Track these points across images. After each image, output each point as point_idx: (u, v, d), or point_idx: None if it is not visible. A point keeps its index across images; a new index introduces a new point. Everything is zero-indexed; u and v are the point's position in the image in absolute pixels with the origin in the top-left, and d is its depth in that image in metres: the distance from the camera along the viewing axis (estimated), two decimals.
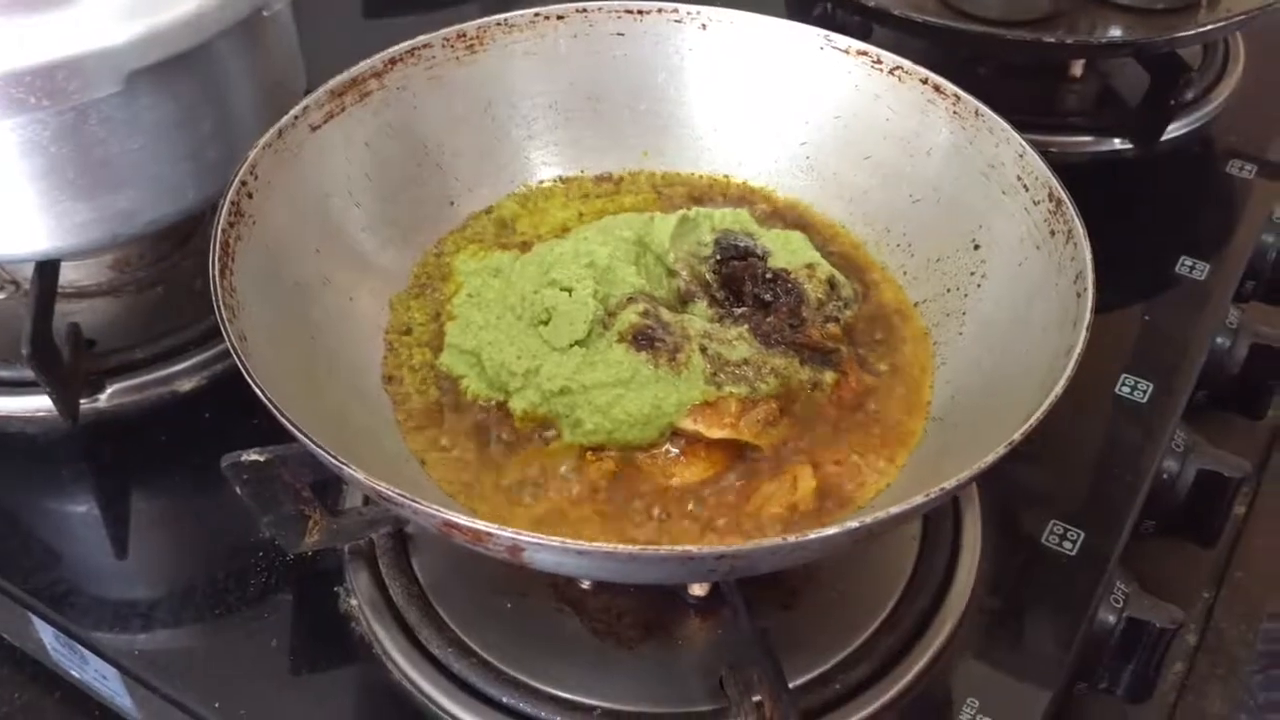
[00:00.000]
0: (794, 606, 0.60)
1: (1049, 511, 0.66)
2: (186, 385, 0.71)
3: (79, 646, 0.62)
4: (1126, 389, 0.73)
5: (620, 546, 0.44)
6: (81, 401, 0.69)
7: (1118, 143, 0.90)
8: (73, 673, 0.65)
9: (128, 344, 0.72)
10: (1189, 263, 0.81)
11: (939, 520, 0.63)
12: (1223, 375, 0.79)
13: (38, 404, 0.69)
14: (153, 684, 0.59)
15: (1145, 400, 0.72)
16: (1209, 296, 0.79)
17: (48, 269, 0.68)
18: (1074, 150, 0.89)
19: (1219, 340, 0.79)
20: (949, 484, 0.46)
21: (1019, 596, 0.62)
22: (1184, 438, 0.72)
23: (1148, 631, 0.63)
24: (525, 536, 0.44)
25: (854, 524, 0.44)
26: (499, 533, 0.44)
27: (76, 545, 0.66)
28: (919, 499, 0.46)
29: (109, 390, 0.70)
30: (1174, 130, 0.90)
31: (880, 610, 0.59)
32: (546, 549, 0.44)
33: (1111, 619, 0.63)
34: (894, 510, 0.45)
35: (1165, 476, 0.71)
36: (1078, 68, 0.94)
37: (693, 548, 0.44)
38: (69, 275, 0.74)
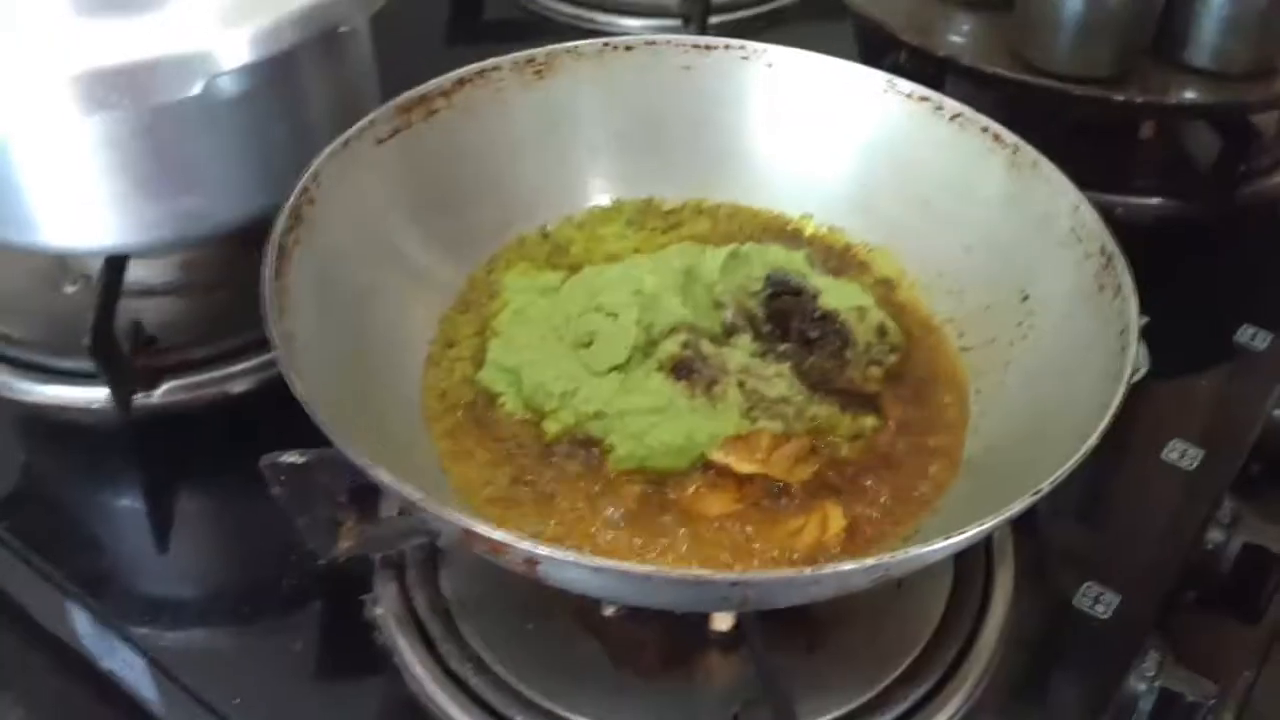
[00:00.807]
0: (818, 648, 0.60)
1: (1084, 572, 0.64)
2: (239, 387, 0.73)
3: (109, 634, 0.63)
4: (1175, 454, 0.71)
5: (634, 566, 0.44)
6: (136, 396, 0.71)
7: (1187, 206, 0.89)
8: (102, 661, 0.66)
9: (187, 343, 0.74)
10: (1250, 331, 0.80)
11: (970, 572, 0.63)
12: (1278, 449, 0.78)
13: (94, 395, 0.70)
14: (176, 676, 0.60)
15: (1193, 468, 0.71)
16: (1268, 367, 0.78)
17: (115, 264, 0.70)
18: (1142, 211, 0.88)
19: (1278, 412, 0.77)
20: (970, 530, 0.46)
21: (1047, 658, 0.61)
22: (1232, 509, 0.70)
23: (1179, 704, 0.61)
24: (541, 549, 0.44)
25: (870, 561, 0.44)
26: (515, 544, 0.45)
27: (117, 535, 0.67)
28: (939, 543, 0.45)
29: (164, 387, 0.72)
30: (1245, 196, 0.89)
31: (904, 659, 0.59)
32: (561, 563, 0.45)
33: (1142, 688, 0.61)
34: (911, 551, 0.45)
35: (1210, 547, 0.69)
36: (1149, 129, 0.94)
37: (706, 572, 0.44)
38: (137, 274, 0.76)
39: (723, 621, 0.59)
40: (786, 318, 0.64)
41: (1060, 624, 0.63)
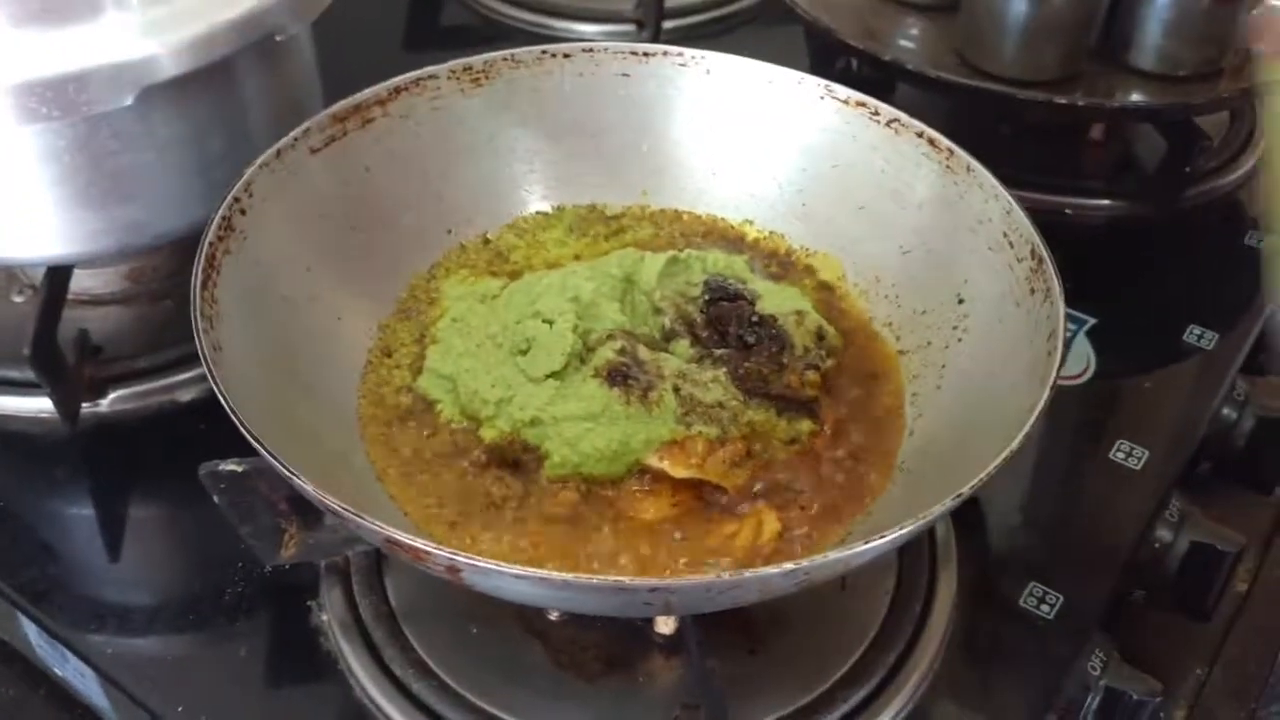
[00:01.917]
0: (759, 651, 0.60)
1: (1029, 573, 0.65)
2: (186, 396, 0.73)
3: (59, 644, 0.63)
4: (1121, 455, 0.72)
5: (554, 574, 0.44)
6: (83, 406, 0.71)
7: (1135, 207, 0.89)
8: (55, 669, 0.66)
9: (133, 352, 0.74)
10: (1197, 331, 0.80)
11: (914, 573, 0.63)
12: (1229, 448, 0.78)
13: (41, 405, 0.70)
14: (124, 685, 0.60)
15: (1139, 467, 0.71)
16: (1215, 366, 0.78)
17: (58, 275, 0.70)
18: (1090, 212, 0.88)
19: (1225, 412, 0.77)
20: (890, 535, 0.46)
21: (991, 659, 0.62)
22: (1179, 508, 0.71)
23: (1125, 702, 0.61)
24: (461, 558, 0.45)
25: (789, 566, 0.44)
26: (436, 552, 0.45)
27: (66, 545, 0.67)
28: (858, 546, 0.45)
29: (110, 396, 0.72)
30: (1193, 198, 0.90)
31: (845, 661, 0.59)
32: (481, 571, 0.45)
33: (1087, 686, 0.61)
34: (831, 556, 0.45)
35: (1157, 546, 0.70)
36: (1098, 131, 0.94)
37: (626, 579, 0.44)
38: (84, 283, 0.76)
39: (665, 625, 0.59)
40: (724, 322, 0.64)
41: (1005, 624, 0.63)
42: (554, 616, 0.60)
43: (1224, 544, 0.69)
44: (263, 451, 0.48)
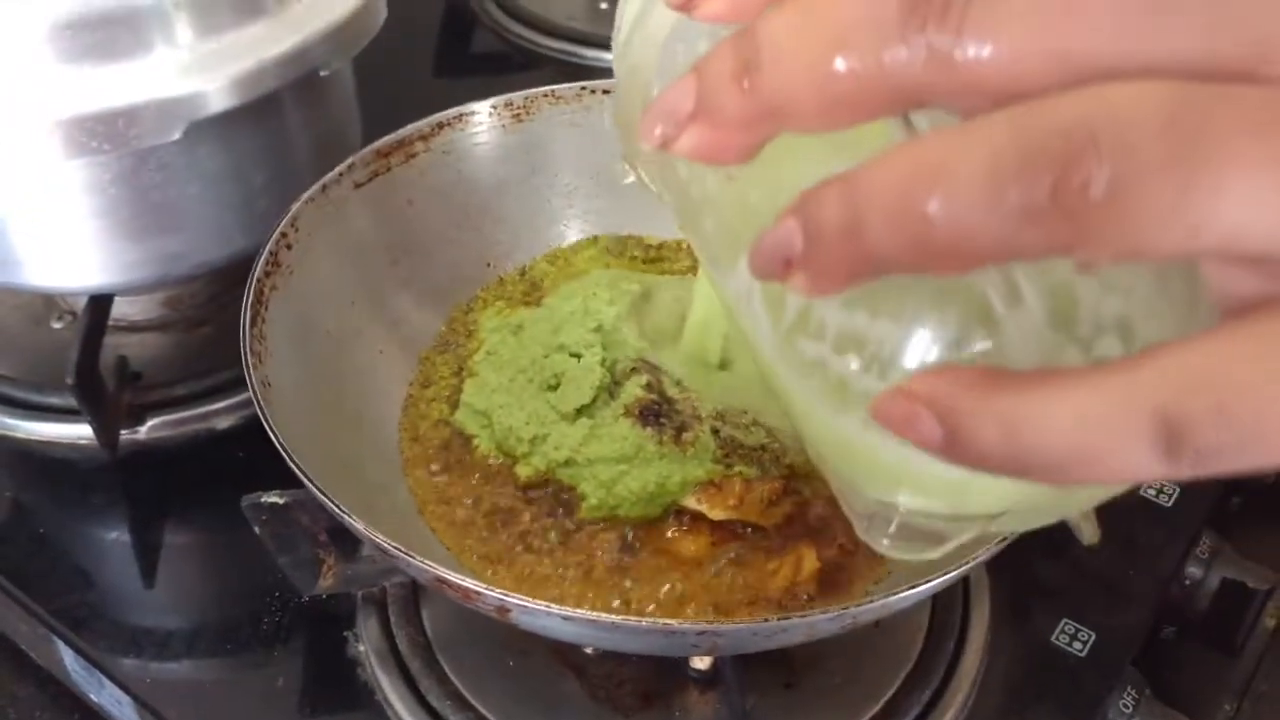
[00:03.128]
0: (795, 686, 0.60)
1: (1062, 609, 0.65)
2: (224, 423, 0.74)
3: (95, 670, 0.63)
4: (1153, 491, 0.72)
5: (603, 615, 0.44)
6: (122, 433, 0.71)
7: None
8: (91, 696, 0.67)
9: (171, 379, 0.75)
10: None
11: (947, 611, 0.63)
12: (1259, 483, 0.78)
13: (81, 432, 0.71)
14: (159, 710, 0.60)
15: (1171, 504, 0.71)
16: None
17: (100, 303, 0.70)
18: None
19: None
20: (937, 578, 0.46)
21: (1024, 695, 0.61)
22: (1210, 544, 0.71)
23: None
24: (512, 598, 0.45)
25: (836, 611, 0.45)
26: (487, 592, 0.45)
27: (103, 571, 0.68)
28: (905, 590, 0.46)
29: (149, 423, 0.73)
30: None
31: (881, 697, 0.59)
32: (531, 612, 0.45)
33: None
34: (878, 601, 0.45)
35: (1188, 583, 0.70)
36: None
37: (674, 622, 0.45)
38: (123, 309, 0.77)
39: (702, 660, 0.59)
40: None
41: (1037, 662, 0.63)
42: (591, 651, 0.61)
43: (1255, 581, 0.69)
44: (314, 490, 0.49)
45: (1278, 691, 0.74)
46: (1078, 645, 0.63)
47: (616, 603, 0.55)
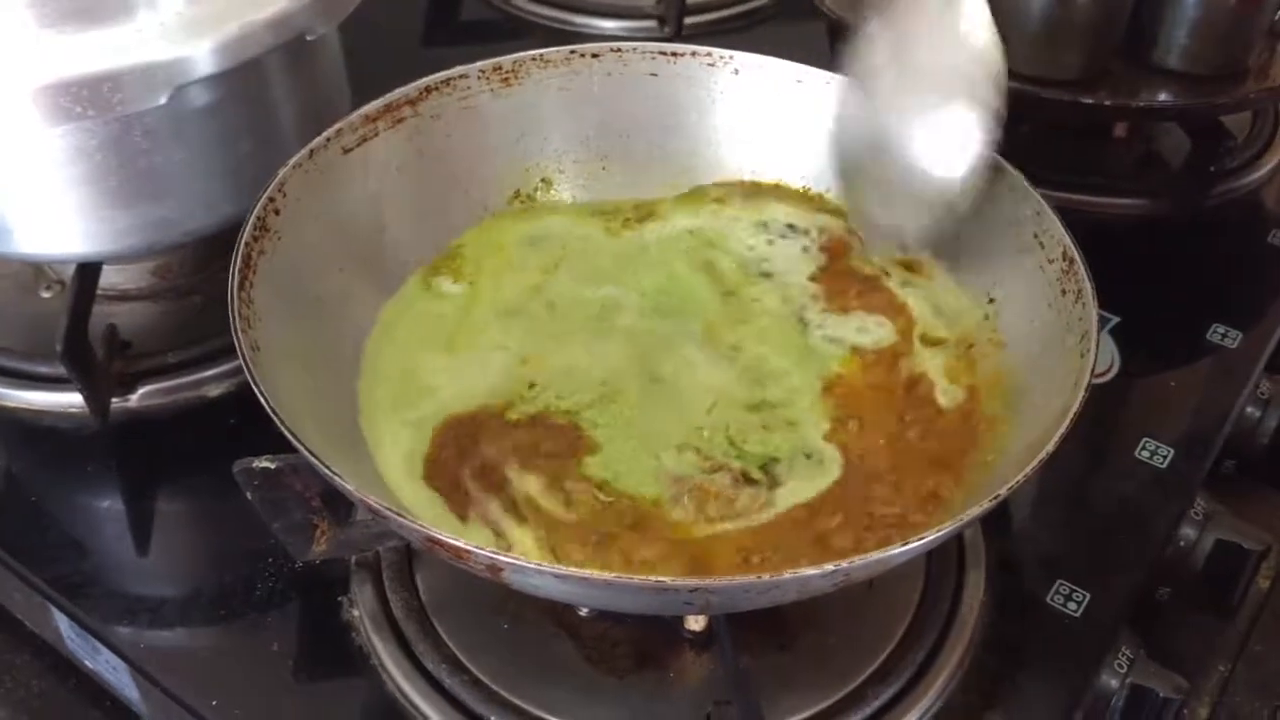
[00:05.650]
0: (790, 648, 0.60)
1: (1056, 571, 0.65)
2: (215, 391, 0.73)
3: (91, 637, 0.63)
4: (1146, 453, 0.72)
5: (595, 573, 0.44)
6: (113, 401, 0.71)
7: (1159, 205, 0.89)
8: (86, 662, 0.67)
9: (162, 347, 0.74)
10: (1221, 330, 0.80)
11: (942, 571, 0.63)
12: (1253, 446, 0.78)
13: (71, 400, 0.71)
14: (156, 678, 0.61)
15: (1165, 466, 0.71)
16: (1239, 365, 0.78)
17: (88, 271, 0.70)
18: (1114, 211, 0.89)
19: (1249, 410, 0.78)
20: (927, 535, 0.46)
21: (1019, 656, 0.62)
22: (1204, 506, 0.71)
23: (1151, 700, 0.62)
24: (504, 557, 0.45)
25: (829, 566, 0.45)
26: (478, 551, 0.45)
27: (97, 539, 0.68)
28: (897, 548, 0.46)
29: (140, 391, 0.73)
30: (1218, 196, 0.90)
31: (875, 658, 0.59)
32: (523, 570, 0.45)
33: (1114, 684, 0.62)
34: (871, 556, 0.45)
35: (1182, 544, 0.70)
36: (1121, 129, 0.94)
37: (666, 579, 0.44)
38: (112, 278, 0.76)
39: (696, 622, 0.59)
40: None
41: (1032, 622, 0.63)
42: (584, 613, 0.61)
43: (1249, 542, 0.70)
44: (305, 453, 0.48)
45: (1272, 652, 0.75)
46: (1072, 606, 0.64)
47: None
